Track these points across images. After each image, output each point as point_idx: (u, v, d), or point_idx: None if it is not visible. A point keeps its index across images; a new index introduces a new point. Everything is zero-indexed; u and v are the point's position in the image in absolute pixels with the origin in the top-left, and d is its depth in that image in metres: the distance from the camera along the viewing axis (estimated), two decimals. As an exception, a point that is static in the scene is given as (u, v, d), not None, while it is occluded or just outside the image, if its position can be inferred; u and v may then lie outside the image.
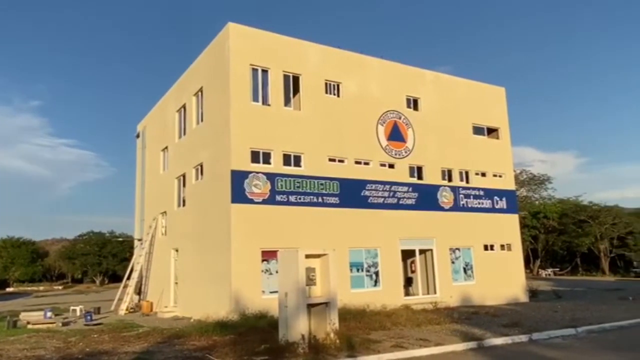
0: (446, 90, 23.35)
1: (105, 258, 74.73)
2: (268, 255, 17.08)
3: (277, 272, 16.08)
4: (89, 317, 18.57)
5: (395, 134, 21.26)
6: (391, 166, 20.92)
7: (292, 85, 19.17)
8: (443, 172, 22.50)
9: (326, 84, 19.84)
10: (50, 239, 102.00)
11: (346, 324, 12.49)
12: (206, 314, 16.50)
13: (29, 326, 17.66)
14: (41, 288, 73.69)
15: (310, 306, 10.86)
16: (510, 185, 25.01)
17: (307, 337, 10.36)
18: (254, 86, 18.20)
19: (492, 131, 24.94)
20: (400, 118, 21.53)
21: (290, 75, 19.07)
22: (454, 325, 14.07)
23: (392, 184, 20.57)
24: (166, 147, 24.57)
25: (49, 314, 19.93)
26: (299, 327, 10.41)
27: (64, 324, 17.93)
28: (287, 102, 19.04)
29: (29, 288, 72.86)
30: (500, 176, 24.38)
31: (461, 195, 22.69)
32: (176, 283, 21.65)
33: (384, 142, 20.83)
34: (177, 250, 21.98)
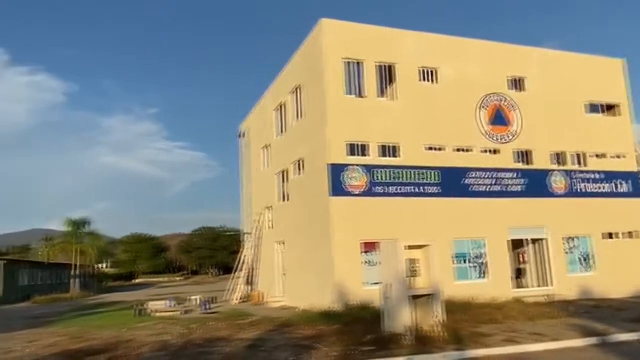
0: (555, 68, 21.60)
1: (218, 251, 79.78)
2: (368, 247, 17.14)
3: (378, 263, 16.19)
4: (206, 306, 20.03)
5: (498, 118, 20.15)
6: (495, 152, 19.89)
7: (387, 75, 18.97)
8: (554, 155, 20.90)
9: (422, 71, 19.35)
10: (169, 235, 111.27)
11: (452, 316, 12.13)
12: (312, 304, 16.99)
13: (155, 314, 19.49)
14: (163, 279, 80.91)
15: (413, 298, 10.74)
16: (634, 167, 22.52)
17: (412, 329, 10.26)
18: (348, 79, 18.30)
19: (610, 108, 22.63)
20: (503, 101, 20.36)
21: (385, 65, 18.88)
22: (572, 320, 13.06)
23: (496, 170, 19.54)
24: (267, 145, 25.60)
25: (171, 303, 21.84)
26: (403, 319, 10.35)
27: (185, 313, 19.50)
28: (382, 92, 18.89)
29: (152, 279, 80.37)
30: (621, 157, 22.06)
31: (576, 180, 20.93)
32: (284, 274, 22.53)
33: (486, 127, 19.85)
34: (282, 243, 22.86)
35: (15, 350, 11.66)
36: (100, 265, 69.55)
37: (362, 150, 17.92)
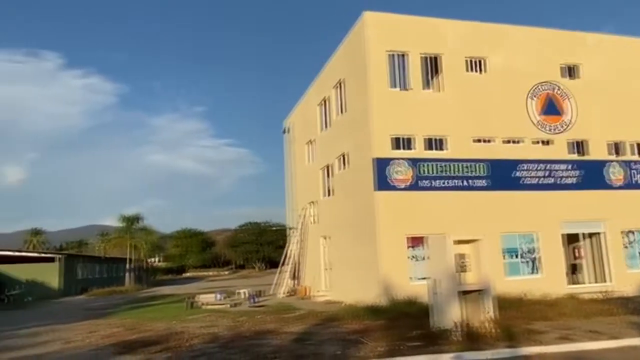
0: (613, 53, 20.50)
1: (263, 246, 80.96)
2: (414, 242, 16.92)
3: (424, 258, 15.96)
4: (253, 300, 20.39)
5: (550, 107, 19.35)
6: (546, 143, 19.13)
7: (432, 66, 18.59)
8: (611, 145, 19.88)
9: (469, 61, 18.84)
10: (216, 230, 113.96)
11: (503, 313, 11.77)
12: (357, 298, 16.96)
13: (204, 307, 20.02)
14: (211, 273, 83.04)
15: (463, 293, 10.50)
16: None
17: (461, 325, 10.04)
18: (392, 72, 18.06)
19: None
20: (555, 89, 19.53)
21: (429, 56, 18.51)
22: (632, 317, 12.39)
23: (548, 162, 18.80)
24: (311, 140, 25.70)
25: (219, 296, 22.37)
26: (452, 314, 10.14)
27: (233, 306, 19.92)
28: (426, 84, 18.54)
29: (201, 273, 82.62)
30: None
31: (635, 170, 19.83)
32: (328, 269, 22.60)
33: (537, 118, 19.11)
34: (326, 238, 22.93)
35: (76, 340, 12.27)
36: (151, 259, 72.07)
37: (407, 143, 17.66)
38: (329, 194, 23.10)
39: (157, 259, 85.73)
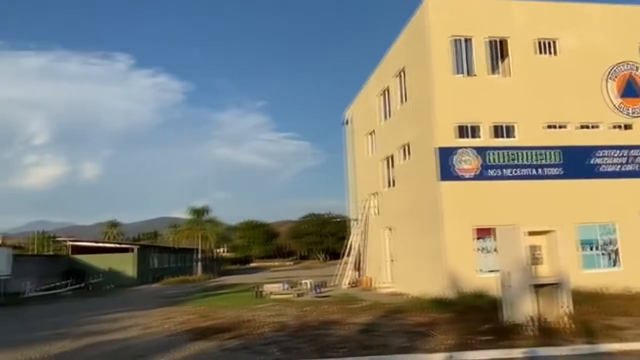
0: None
1: (325, 237, 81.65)
2: (482, 233, 16.41)
3: (494, 250, 15.45)
4: (317, 290, 20.67)
5: (630, 89, 18.04)
6: (627, 127, 17.88)
7: (498, 50, 17.84)
8: (700, 128, 18.25)
9: (538, 43, 17.91)
10: (279, 221, 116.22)
11: (579, 307, 11.17)
12: (422, 291, 16.74)
13: (271, 296, 20.53)
14: (275, 263, 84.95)
15: (536, 287, 10.08)
16: None
17: (534, 320, 9.66)
18: (456, 58, 17.52)
19: None
20: (635, 70, 18.16)
21: (496, 40, 17.77)
22: None
23: (630, 147, 17.56)
24: (371, 131, 25.51)
25: (285, 286, 22.85)
26: (525, 309, 9.77)
27: (298, 295, 20.28)
28: (493, 69, 17.84)
29: (265, 263, 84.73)
30: None
31: None
32: (392, 260, 22.45)
33: (616, 100, 17.87)
34: (390, 229, 22.75)
35: (153, 326, 13.00)
36: (219, 250, 74.76)
37: (473, 131, 17.11)
38: (390, 185, 22.88)
39: (223, 250, 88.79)
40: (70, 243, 47.86)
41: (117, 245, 49.08)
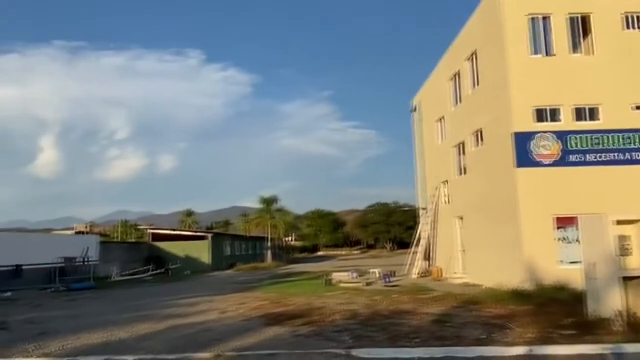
0: None
1: (392, 226, 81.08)
2: (563, 222, 15.51)
3: (576, 240, 14.56)
4: (386, 279, 20.54)
5: None
6: None
7: (580, 27, 16.64)
8: None
9: (626, 17, 16.51)
10: (345, 210, 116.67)
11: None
12: (497, 282, 16.12)
13: (340, 284, 20.66)
14: (342, 252, 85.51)
15: (624, 279, 9.39)
16: None
17: (622, 314, 9.01)
18: (533, 37, 16.57)
19: None
20: None
21: (577, 16, 16.58)
22: None
23: None
24: (442, 117, 24.80)
25: (354, 274, 22.89)
26: (612, 302, 9.15)
27: (367, 284, 20.26)
28: (574, 48, 16.69)
29: (332, 252, 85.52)
30: None
31: None
32: (463, 250, 21.83)
33: None
34: (461, 218, 22.11)
35: (229, 311, 13.53)
36: (287, 238, 76.40)
37: (552, 115, 16.14)
38: (461, 173, 22.17)
39: (291, 238, 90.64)
40: (150, 231, 50.89)
41: (193, 233, 51.51)
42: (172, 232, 50.62)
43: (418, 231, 27.76)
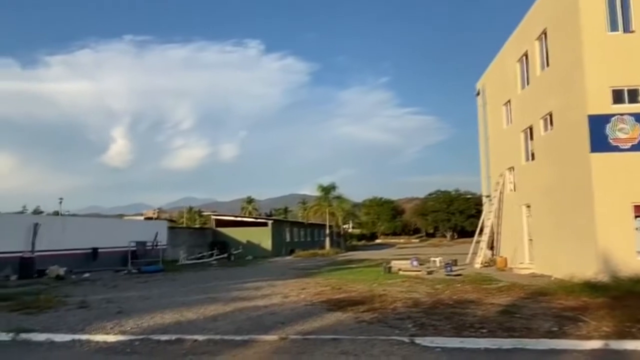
0: None
1: (453, 214, 79.30)
2: (643, 211, 14.47)
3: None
4: (449, 268, 20.10)
5: None
6: None
7: (665, -1, 15.31)
8: None
9: None
10: (404, 198, 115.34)
11: None
12: (568, 273, 15.35)
13: (400, 272, 20.46)
14: (401, 240, 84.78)
15: None
16: None
17: None
18: (611, 12, 15.43)
19: None
20: None
21: (661, -13, 15.26)
22: None
23: None
24: (508, 101, 23.76)
25: (415, 262, 22.61)
26: (702, 298, 8.44)
27: (428, 273, 19.94)
28: (658, 22, 15.38)
29: (391, 240, 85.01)
30: None
31: None
32: (530, 240, 20.95)
33: None
34: (528, 206, 21.19)
35: (291, 295, 13.76)
36: (345, 226, 76.67)
37: (632, 96, 15.03)
38: (529, 159, 21.19)
39: (349, 226, 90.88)
40: (214, 217, 52.70)
41: (254, 220, 52.83)
42: (235, 219, 52.17)
43: (482, 220, 26.93)
